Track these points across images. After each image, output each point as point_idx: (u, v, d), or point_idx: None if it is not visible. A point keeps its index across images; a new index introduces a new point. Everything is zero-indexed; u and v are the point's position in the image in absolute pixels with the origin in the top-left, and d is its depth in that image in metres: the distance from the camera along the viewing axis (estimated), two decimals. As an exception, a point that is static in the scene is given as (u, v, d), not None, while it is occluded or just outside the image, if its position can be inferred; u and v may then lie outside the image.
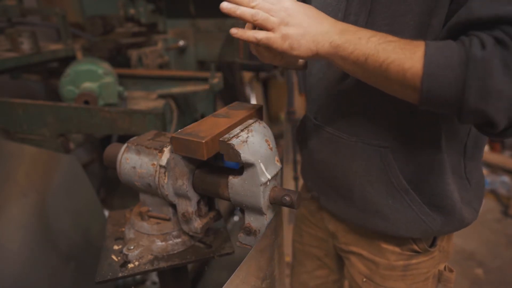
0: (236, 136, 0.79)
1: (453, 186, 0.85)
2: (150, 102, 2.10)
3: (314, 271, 1.26)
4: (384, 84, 0.70)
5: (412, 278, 0.97)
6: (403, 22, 0.73)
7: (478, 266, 2.54)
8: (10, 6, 2.12)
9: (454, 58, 0.60)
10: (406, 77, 0.64)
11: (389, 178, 0.85)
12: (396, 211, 0.87)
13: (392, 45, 0.65)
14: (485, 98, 0.58)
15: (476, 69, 0.57)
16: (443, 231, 0.90)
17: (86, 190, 1.68)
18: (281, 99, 3.75)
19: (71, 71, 1.89)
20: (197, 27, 2.82)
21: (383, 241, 0.96)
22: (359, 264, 1.04)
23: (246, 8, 0.71)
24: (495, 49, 0.57)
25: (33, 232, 1.44)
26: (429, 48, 0.62)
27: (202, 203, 0.96)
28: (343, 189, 0.96)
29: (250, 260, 0.76)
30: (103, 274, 0.91)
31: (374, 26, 0.76)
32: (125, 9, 2.55)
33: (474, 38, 0.60)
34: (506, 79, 0.56)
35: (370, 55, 0.66)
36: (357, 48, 0.67)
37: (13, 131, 1.70)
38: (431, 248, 0.93)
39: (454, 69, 0.59)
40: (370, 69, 0.67)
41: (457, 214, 0.86)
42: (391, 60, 0.64)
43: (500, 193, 3.34)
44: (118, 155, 0.99)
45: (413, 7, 0.71)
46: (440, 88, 0.61)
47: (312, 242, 1.22)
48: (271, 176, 0.80)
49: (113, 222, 1.14)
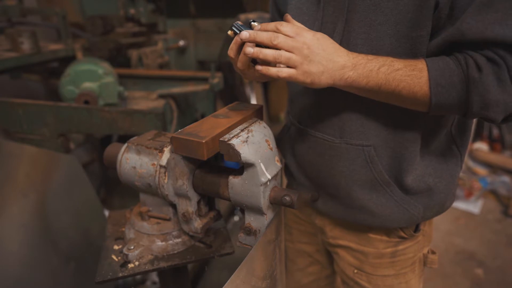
0: (236, 136, 0.79)
1: (431, 172, 0.92)
2: (150, 102, 2.10)
3: (306, 268, 1.28)
4: (397, 103, 0.80)
5: (400, 264, 1.02)
6: (381, 30, 0.79)
7: (478, 266, 2.54)
8: (10, 6, 2.12)
9: (454, 78, 0.71)
10: (417, 97, 0.75)
11: (373, 174, 0.91)
12: (380, 205, 0.93)
13: (400, 73, 0.74)
14: (485, 108, 0.70)
15: (476, 88, 0.69)
16: (426, 217, 0.96)
17: (86, 190, 1.68)
18: (281, 99, 3.75)
19: (71, 71, 1.89)
20: (197, 27, 2.82)
21: (371, 231, 1.01)
22: (348, 256, 1.07)
23: (269, 51, 0.73)
24: (489, 68, 0.68)
25: (33, 232, 1.44)
26: (432, 71, 0.72)
27: (202, 203, 0.96)
28: (329, 188, 1.00)
29: (251, 260, 0.76)
30: (103, 274, 0.91)
31: (352, 34, 0.83)
32: (125, 9, 2.54)
33: (469, 59, 0.70)
34: (500, 90, 0.68)
35: (383, 85, 0.75)
36: (370, 80, 0.75)
37: (13, 131, 1.70)
38: (415, 233, 0.99)
39: (456, 87, 0.71)
40: (383, 94, 0.78)
41: (436, 199, 0.94)
42: (402, 86, 0.74)
43: (500, 193, 3.34)
44: (118, 155, 0.99)
45: (389, 17, 0.77)
46: (446, 103, 0.73)
47: (302, 238, 1.24)
48: (271, 176, 0.80)
49: (113, 222, 1.14)
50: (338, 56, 0.75)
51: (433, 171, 0.92)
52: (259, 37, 0.74)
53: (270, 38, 0.72)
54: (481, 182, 3.42)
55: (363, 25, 0.81)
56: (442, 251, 2.70)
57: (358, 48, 0.83)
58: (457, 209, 3.22)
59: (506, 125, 3.92)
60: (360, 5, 0.80)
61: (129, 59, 2.44)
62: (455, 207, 3.24)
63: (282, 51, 0.72)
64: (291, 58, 0.72)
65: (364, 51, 0.81)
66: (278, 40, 0.72)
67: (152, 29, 2.75)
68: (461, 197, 3.32)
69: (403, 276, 1.04)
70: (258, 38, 0.74)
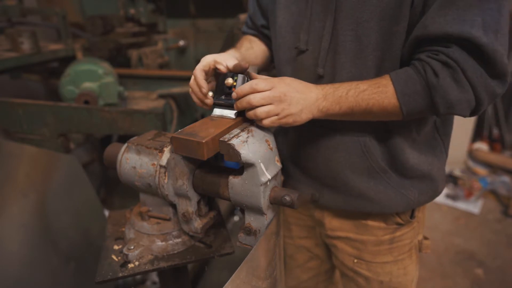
0: (236, 136, 0.79)
1: (426, 160, 0.98)
2: (150, 102, 2.10)
3: (305, 263, 1.30)
4: (372, 119, 0.86)
5: (398, 250, 1.07)
6: (368, 27, 0.84)
7: (478, 266, 2.54)
8: (10, 6, 2.12)
9: (417, 86, 0.79)
10: (388, 110, 0.82)
11: (369, 163, 0.96)
12: (378, 192, 0.98)
13: (367, 93, 0.81)
14: (451, 107, 0.78)
15: (437, 92, 0.76)
16: (421, 201, 1.01)
17: (86, 190, 1.68)
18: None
19: (71, 71, 1.89)
20: (197, 27, 2.82)
21: (369, 219, 1.05)
22: (348, 247, 1.10)
23: (251, 112, 0.82)
24: (444, 72, 0.75)
25: (33, 232, 1.44)
26: (396, 84, 0.80)
27: (202, 203, 0.96)
28: (327, 179, 1.03)
29: (251, 260, 0.76)
30: (103, 274, 0.91)
31: (341, 31, 0.87)
32: (125, 9, 2.55)
33: (426, 66, 0.77)
34: (459, 90, 0.75)
35: (354, 107, 0.82)
36: (342, 105, 0.83)
37: (13, 131, 1.70)
38: (411, 219, 1.04)
39: (420, 94, 0.79)
40: (357, 114, 0.84)
41: (429, 184, 1.00)
42: (372, 104, 0.81)
43: (500, 193, 3.34)
44: (118, 155, 0.99)
45: (375, 14, 0.82)
46: (416, 109, 0.81)
47: (301, 233, 1.25)
48: (271, 176, 0.80)
49: (113, 222, 1.14)
50: (310, 92, 0.82)
51: (424, 158, 0.97)
52: (242, 106, 0.82)
53: (249, 102, 0.80)
54: (481, 182, 3.42)
55: (350, 23, 0.85)
56: (442, 251, 2.70)
57: (347, 45, 0.87)
58: (457, 209, 3.22)
59: (506, 125, 3.92)
60: (346, 3, 0.85)
61: (129, 59, 2.44)
62: (455, 207, 3.24)
63: (258, 109, 0.80)
64: (270, 112, 0.80)
65: (353, 49, 0.87)
66: (255, 101, 0.80)
67: (152, 29, 2.75)
68: (461, 197, 3.32)
69: (401, 262, 1.08)
70: (240, 106, 0.83)
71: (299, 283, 1.34)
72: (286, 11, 0.97)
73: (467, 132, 3.72)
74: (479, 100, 0.76)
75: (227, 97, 0.89)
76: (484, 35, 0.71)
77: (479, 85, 0.75)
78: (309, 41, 0.93)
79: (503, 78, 0.76)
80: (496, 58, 0.73)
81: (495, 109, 3.87)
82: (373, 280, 1.09)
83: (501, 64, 0.74)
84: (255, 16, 1.15)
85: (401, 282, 1.09)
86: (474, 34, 0.71)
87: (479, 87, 0.75)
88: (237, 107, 0.84)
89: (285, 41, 0.99)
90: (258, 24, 1.14)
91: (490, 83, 0.75)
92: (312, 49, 0.93)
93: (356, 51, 0.87)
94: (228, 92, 0.88)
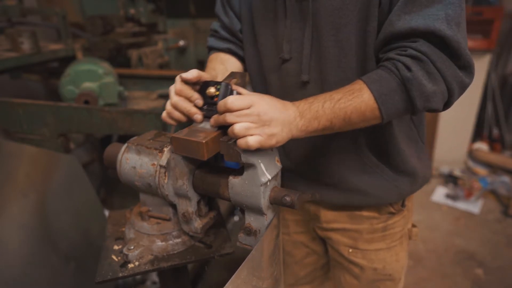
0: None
1: (411, 151, 1.03)
2: (150, 102, 2.10)
3: (303, 259, 1.31)
4: (353, 127, 0.84)
5: (390, 237, 1.12)
6: (347, 31, 0.87)
7: (478, 266, 2.54)
8: (10, 6, 2.12)
9: (392, 83, 0.78)
10: (366, 115, 0.80)
11: (362, 158, 1.01)
12: (373, 185, 1.03)
13: (343, 101, 0.79)
14: (427, 100, 0.78)
15: (412, 85, 0.76)
16: (412, 190, 1.07)
17: (86, 190, 1.68)
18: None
19: (71, 71, 1.89)
20: (197, 27, 2.82)
21: (364, 210, 1.09)
22: (343, 238, 1.14)
23: (228, 130, 0.76)
24: (416, 65, 0.76)
25: (33, 232, 1.44)
26: (371, 86, 0.79)
27: (202, 203, 0.96)
28: (323, 176, 1.06)
29: (252, 260, 0.76)
30: (103, 274, 0.91)
31: (323, 37, 0.89)
32: (125, 9, 2.55)
33: (397, 63, 0.78)
34: (433, 82, 0.77)
35: (333, 118, 0.80)
36: (320, 120, 0.80)
37: (13, 131, 1.70)
38: (402, 208, 1.10)
39: (397, 91, 0.78)
40: (337, 126, 0.82)
41: (419, 173, 1.05)
42: (350, 111, 0.79)
43: (500, 193, 3.34)
44: (118, 155, 0.99)
45: (352, 18, 0.85)
46: (394, 107, 0.80)
47: (298, 228, 1.26)
48: (271, 176, 0.80)
49: (113, 222, 1.14)
50: (287, 110, 0.78)
51: (409, 149, 1.02)
52: (218, 122, 0.79)
53: (225, 120, 0.75)
54: (481, 182, 3.42)
55: (330, 29, 0.88)
56: (442, 251, 2.70)
57: (331, 50, 0.89)
58: (457, 209, 3.22)
59: (506, 125, 3.92)
60: (324, 10, 0.87)
61: (129, 59, 2.44)
62: (455, 207, 3.24)
63: (236, 127, 0.74)
64: (249, 130, 0.74)
65: (336, 53, 0.89)
66: (230, 119, 0.75)
67: (152, 29, 2.75)
68: (461, 197, 3.32)
69: (393, 249, 1.13)
70: (216, 123, 0.80)
71: (297, 280, 1.35)
72: (263, 18, 0.99)
73: (467, 132, 3.72)
74: (451, 91, 0.79)
75: (209, 107, 0.83)
76: (448, 28, 0.74)
77: (449, 76, 0.77)
78: (292, 50, 0.95)
79: (469, 69, 0.79)
80: (461, 49, 0.75)
81: (495, 109, 3.87)
82: (367, 268, 1.13)
83: (466, 55, 0.76)
84: (232, 23, 1.11)
85: (393, 269, 1.14)
86: (439, 27, 0.74)
87: (449, 77, 0.77)
88: (213, 122, 0.81)
89: (267, 50, 1.01)
90: (236, 30, 1.11)
91: (459, 73, 0.78)
92: (296, 57, 0.95)
93: (340, 55, 0.89)
94: (210, 102, 0.83)
